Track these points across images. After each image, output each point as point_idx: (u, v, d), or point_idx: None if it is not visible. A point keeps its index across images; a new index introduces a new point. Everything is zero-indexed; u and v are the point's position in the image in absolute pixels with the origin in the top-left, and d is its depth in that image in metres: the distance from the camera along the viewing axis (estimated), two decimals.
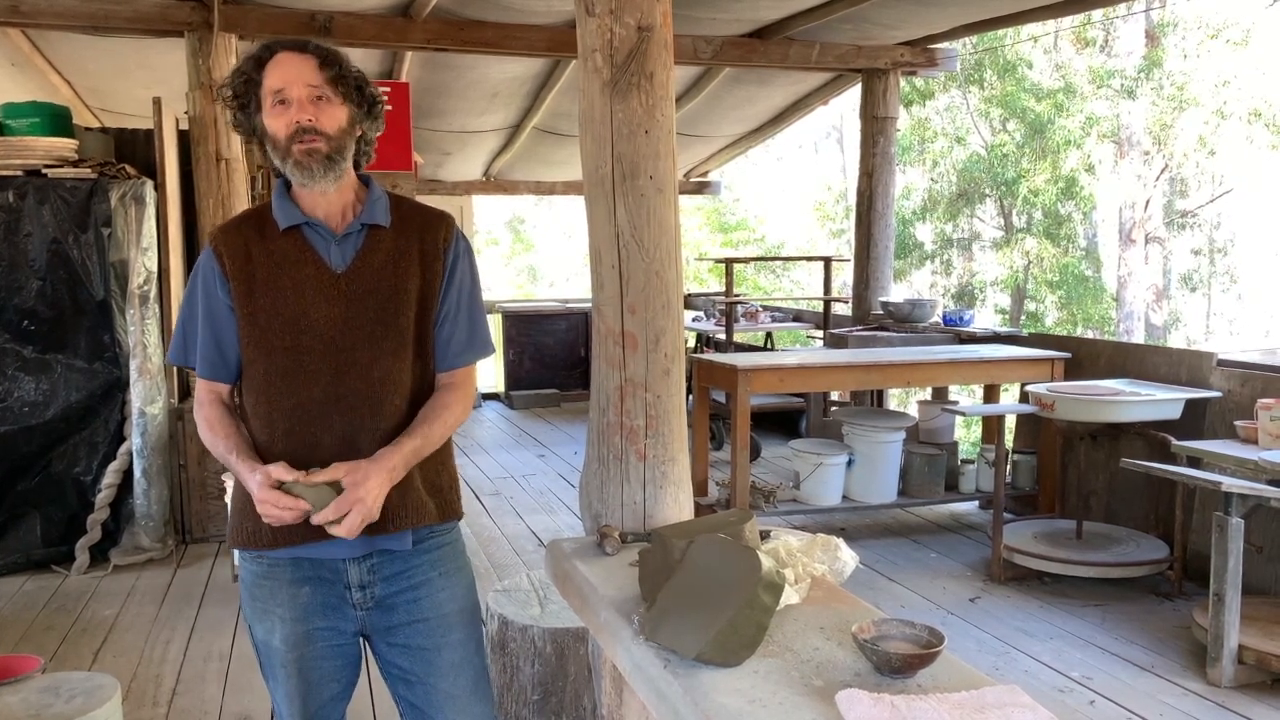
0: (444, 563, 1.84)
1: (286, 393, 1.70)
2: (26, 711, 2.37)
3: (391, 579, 1.79)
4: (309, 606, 1.77)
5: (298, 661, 1.78)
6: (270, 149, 1.72)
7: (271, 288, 1.72)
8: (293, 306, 1.71)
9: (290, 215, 1.74)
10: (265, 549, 1.75)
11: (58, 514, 4.67)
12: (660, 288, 1.97)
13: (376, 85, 1.83)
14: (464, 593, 1.87)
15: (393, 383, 1.73)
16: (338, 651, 1.82)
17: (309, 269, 1.72)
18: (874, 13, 5.55)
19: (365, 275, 1.73)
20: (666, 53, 1.96)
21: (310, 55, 1.69)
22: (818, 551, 1.76)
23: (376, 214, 1.77)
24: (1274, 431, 3.55)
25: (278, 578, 1.78)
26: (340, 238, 1.75)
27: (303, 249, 1.74)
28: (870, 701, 1.24)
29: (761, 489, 4.82)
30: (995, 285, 14.59)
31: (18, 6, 4.77)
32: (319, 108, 1.68)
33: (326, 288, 1.72)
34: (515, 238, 22.96)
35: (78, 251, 4.62)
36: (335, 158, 1.69)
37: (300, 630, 1.77)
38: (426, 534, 1.82)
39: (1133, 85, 12.58)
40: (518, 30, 5.67)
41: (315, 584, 1.77)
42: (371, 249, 1.75)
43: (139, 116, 5.63)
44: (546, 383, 9.35)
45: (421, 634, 1.80)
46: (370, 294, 1.73)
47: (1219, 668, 3.27)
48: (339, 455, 1.67)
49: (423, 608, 1.80)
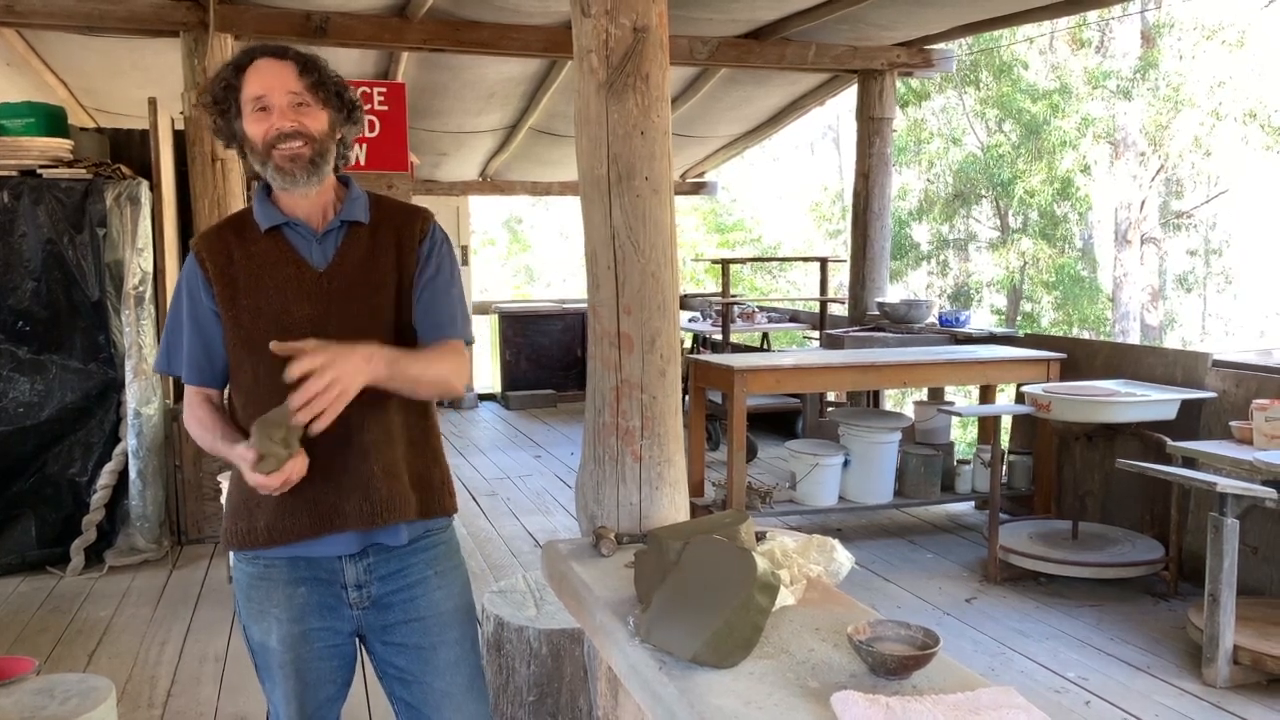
0: (440, 561, 1.84)
1: (273, 392, 1.68)
2: (20, 713, 2.36)
3: (388, 578, 1.79)
4: (306, 607, 1.77)
5: (295, 662, 1.78)
6: (250, 154, 1.72)
7: (254, 289, 1.73)
8: (275, 306, 1.72)
9: (271, 217, 1.76)
10: (261, 548, 1.75)
11: (52, 515, 4.66)
12: (656, 289, 1.97)
13: (355, 87, 1.83)
14: (459, 591, 1.87)
15: None
16: (334, 652, 1.82)
17: (290, 269, 1.73)
18: (870, 13, 5.55)
19: (346, 272, 1.74)
20: (662, 53, 1.96)
21: (290, 62, 1.70)
22: (813, 552, 1.76)
23: (355, 211, 1.78)
24: (1269, 432, 3.56)
25: (274, 578, 1.78)
26: (321, 236, 1.76)
27: (284, 249, 1.75)
28: (865, 703, 1.24)
29: (758, 489, 4.82)
30: (991, 286, 14.60)
31: (12, 6, 4.76)
32: (300, 113, 1.69)
33: (308, 286, 1.73)
34: (512, 238, 22.95)
35: (73, 252, 4.61)
36: (319, 161, 1.70)
37: (297, 631, 1.77)
38: (422, 532, 1.82)
39: (1128, 86, 12.60)
40: (514, 31, 5.67)
41: (312, 584, 1.77)
42: (351, 246, 1.76)
43: (134, 117, 5.61)
44: (543, 383, 9.35)
45: (418, 633, 1.81)
46: (351, 291, 1.73)
47: (1214, 668, 3.28)
48: (327, 453, 1.67)
49: (419, 606, 1.80)
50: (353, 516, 1.72)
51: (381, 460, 1.74)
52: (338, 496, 1.71)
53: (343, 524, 1.72)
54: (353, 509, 1.71)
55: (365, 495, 1.72)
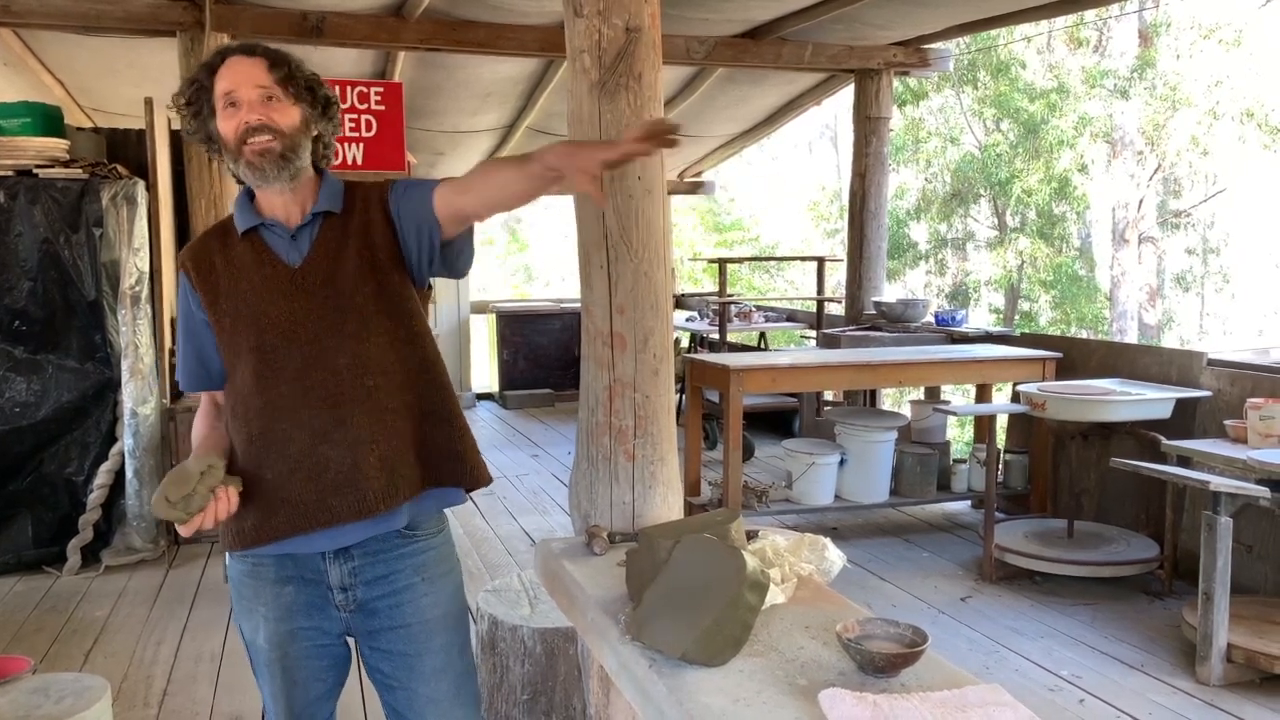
0: (428, 568, 1.81)
1: (257, 392, 1.70)
2: (16, 713, 2.37)
3: (373, 583, 1.77)
4: (293, 606, 1.77)
5: (281, 660, 1.79)
6: (225, 153, 1.71)
7: (232, 292, 1.73)
8: (253, 307, 1.71)
9: (247, 220, 1.75)
10: (248, 547, 1.75)
11: (49, 515, 4.66)
12: (649, 288, 1.98)
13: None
14: (448, 598, 1.84)
15: (362, 366, 1.70)
16: (323, 651, 1.81)
17: (266, 269, 1.73)
18: (867, 13, 5.55)
19: (319, 265, 1.73)
20: (655, 53, 1.97)
21: (259, 58, 1.70)
22: (805, 551, 1.76)
23: (326, 202, 1.76)
24: (1263, 431, 3.57)
25: (262, 576, 1.78)
26: (295, 232, 1.75)
27: (260, 250, 1.74)
28: (853, 701, 1.25)
29: (754, 489, 4.83)
30: (989, 285, 14.61)
31: (9, 6, 4.76)
32: (270, 107, 1.68)
33: (283, 284, 1.72)
34: (511, 238, 22.94)
35: (69, 252, 4.61)
36: (290, 156, 1.69)
37: (284, 629, 1.77)
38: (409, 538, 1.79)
39: (1126, 85, 12.60)
40: (510, 30, 5.67)
41: (299, 584, 1.77)
42: (324, 238, 1.74)
43: (131, 116, 5.61)
44: (540, 382, 9.35)
45: (403, 640, 1.79)
46: (326, 283, 1.72)
47: (1208, 666, 3.28)
48: (311, 450, 1.67)
49: (405, 613, 1.78)
50: (340, 511, 1.69)
51: (378, 451, 1.69)
52: (321, 494, 1.68)
53: (329, 519, 1.69)
54: (340, 504, 1.68)
55: (355, 488, 1.68)
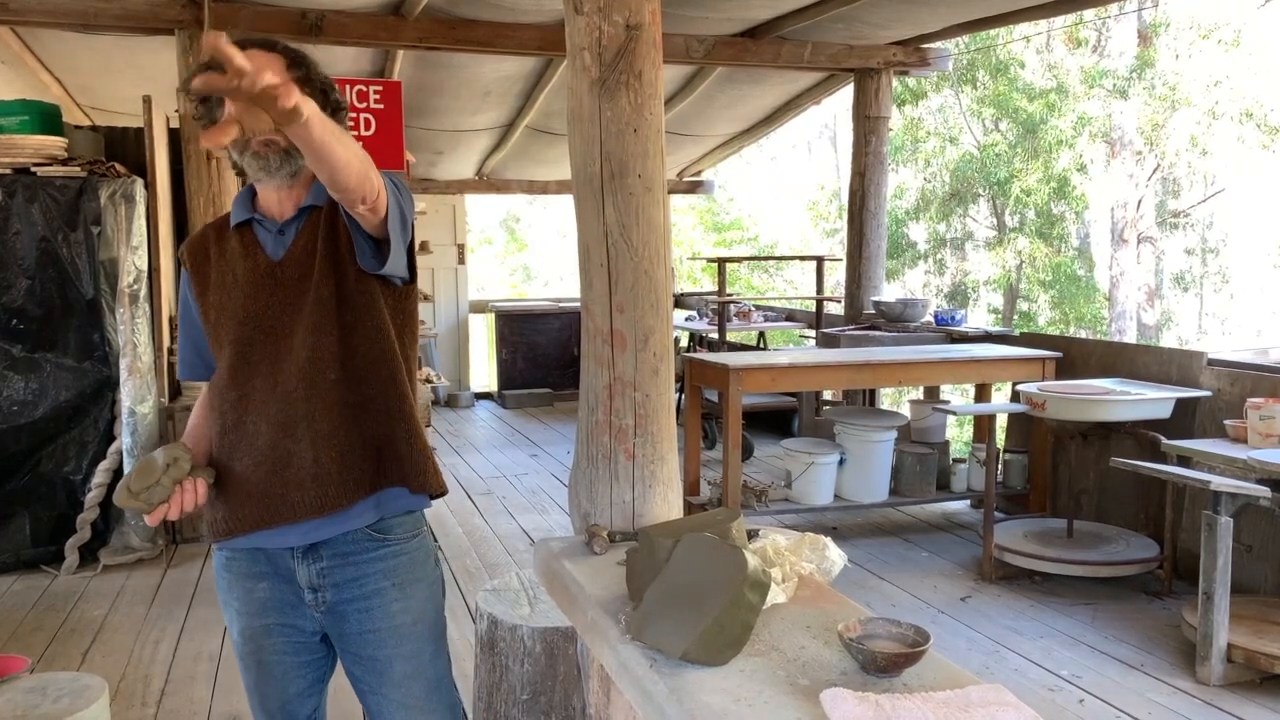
0: (399, 573, 1.78)
1: (233, 385, 1.71)
2: (13, 712, 2.36)
3: (342, 586, 1.75)
4: (265, 602, 1.78)
5: (255, 654, 1.80)
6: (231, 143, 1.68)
7: (219, 285, 1.75)
8: (236, 300, 1.72)
9: (241, 213, 1.76)
10: (219, 539, 1.75)
11: (47, 514, 4.66)
12: (649, 286, 1.97)
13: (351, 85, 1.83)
14: (420, 604, 1.81)
15: (320, 359, 1.69)
16: (298, 648, 1.81)
17: (250, 262, 1.74)
18: (866, 12, 5.55)
19: (297, 258, 1.73)
20: (655, 51, 1.96)
21: (279, 54, 1.71)
22: (805, 550, 1.75)
23: (314, 197, 1.75)
24: (1263, 430, 3.56)
25: (235, 570, 1.79)
26: (282, 226, 1.75)
27: (249, 244, 1.75)
28: (855, 700, 1.24)
29: (753, 488, 4.82)
30: (988, 285, 14.61)
31: (7, 4, 4.75)
32: None
33: (263, 278, 1.72)
34: (510, 237, 22.93)
35: (67, 250, 4.61)
36: (294, 152, 1.67)
37: (256, 625, 1.79)
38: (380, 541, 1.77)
39: (1125, 85, 12.60)
40: (509, 29, 5.66)
41: (273, 580, 1.77)
42: (305, 232, 1.74)
43: (129, 115, 5.60)
44: (539, 382, 9.34)
45: (373, 644, 1.78)
46: (302, 276, 1.71)
47: (1208, 666, 3.28)
48: (276, 444, 1.67)
49: (374, 618, 1.77)
50: (302, 506, 1.68)
51: (338, 445, 1.68)
52: (285, 488, 1.68)
53: (291, 515, 1.68)
54: (301, 499, 1.67)
55: (317, 483, 1.67)
